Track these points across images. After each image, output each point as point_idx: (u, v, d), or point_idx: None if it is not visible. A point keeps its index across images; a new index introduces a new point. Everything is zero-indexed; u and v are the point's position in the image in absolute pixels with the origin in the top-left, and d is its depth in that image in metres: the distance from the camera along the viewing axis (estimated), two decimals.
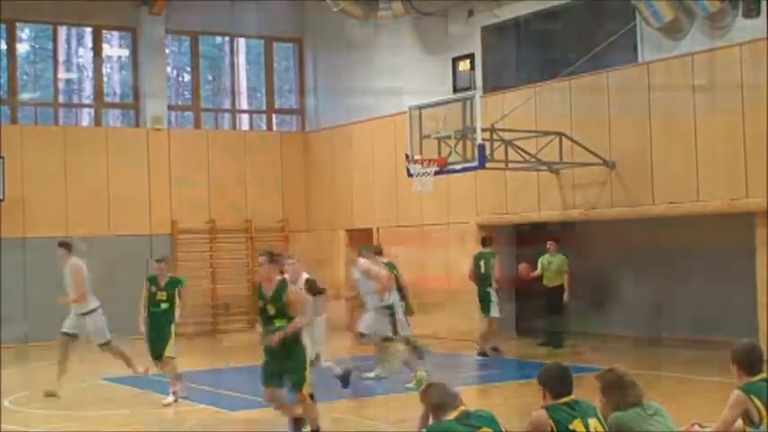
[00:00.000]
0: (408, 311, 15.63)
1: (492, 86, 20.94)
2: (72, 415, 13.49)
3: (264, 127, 27.29)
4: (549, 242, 19.63)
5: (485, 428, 5.78)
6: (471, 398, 5.99)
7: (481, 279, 18.32)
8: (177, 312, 14.05)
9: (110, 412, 13.78)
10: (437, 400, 5.87)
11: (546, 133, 18.52)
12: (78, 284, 15.03)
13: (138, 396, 14.93)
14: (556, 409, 5.98)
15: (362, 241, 24.42)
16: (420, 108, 17.82)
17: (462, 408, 5.81)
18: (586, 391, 6.42)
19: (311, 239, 26.16)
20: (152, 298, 14.06)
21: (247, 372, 16.89)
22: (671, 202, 17.41)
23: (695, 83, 17.13)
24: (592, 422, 5.98)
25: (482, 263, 18.33)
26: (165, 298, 13.98)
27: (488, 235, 19.26)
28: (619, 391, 6.14)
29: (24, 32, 25.30)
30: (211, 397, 14.57)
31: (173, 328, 14.04)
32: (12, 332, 22.39)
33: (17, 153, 23.17)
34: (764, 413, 6.16)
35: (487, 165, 17.22)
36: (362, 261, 15.12)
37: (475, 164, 16.85)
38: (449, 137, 17.11)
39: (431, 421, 5.88)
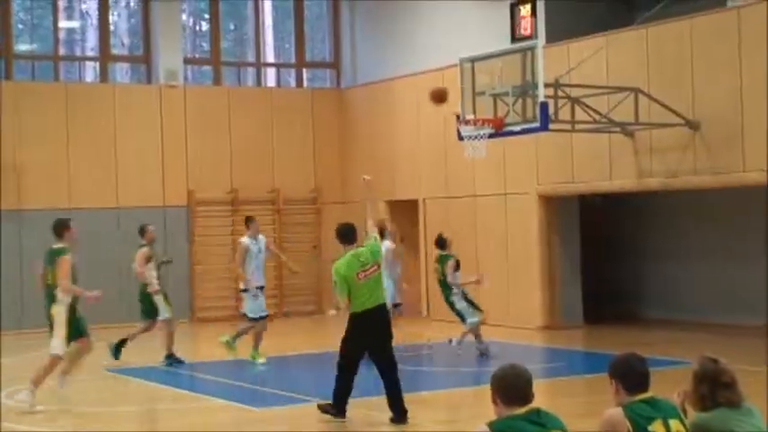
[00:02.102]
0: None
1: (556, 35, 20.66)
2: (72, 411, 13.32)
3: (293, 83, 27.18)
4: None
5: None
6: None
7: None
8: None
9: (114, 408, 13.61)
10: (510, 388, 5.56)
11: (619, 89, 18.28)
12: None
13: (149, 390, 15.05)
14: (632, 407, 5.77)
15: (406, 214, 24.38)
16: (473, 60, 17.53)
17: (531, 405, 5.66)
18: (662, 389, 6.22)
19: (346, 212, 26.04)
20: None
21: (276, 363, 16.96)
22: (765, 170, 17.03)
23: None
24: (673, 424, 5.74)
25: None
26: None
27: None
28: (709, 387, 6.07)
29: None
30: (232, 391, 14.62)
31: None
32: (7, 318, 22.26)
33: (12, 113, 22.61)
34: None
35: (551, 126, 16.93)
36: None
37: (536, 125, 16.60)
38: (506, 94, 16.89)
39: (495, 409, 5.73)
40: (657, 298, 22.26)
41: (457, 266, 17.39)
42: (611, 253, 22.84)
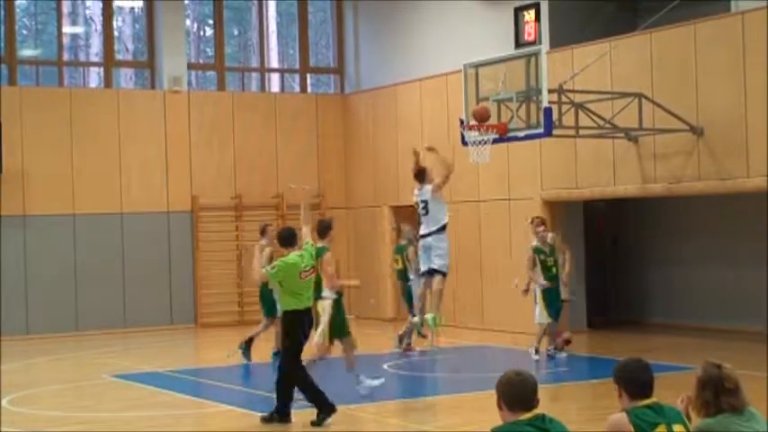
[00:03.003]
0: None
1: (560, 41, 20.68)
2: (74, 416, 13.41)
3: (298, 89, 27.17)
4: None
5: None
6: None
7: None
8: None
9: (117, 414, 13.61)
10: (513, 394, 5.64)
11: (623, 95, 18.25)
12: None
13: (152, 396, 15.11)
14: (637, 413, 5.82)
15: (410, 219, 24.39)
16: (477, 66, 17.44)
17: (536, 410, 5.74)
18: (666, 394, 6.23)
19: (350, 217, 26.16)
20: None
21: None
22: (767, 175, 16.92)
23: None
24: (677, 429, 5.81)
25: None
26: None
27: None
28: (713, 392, 6.12)
29: None
30: (237, 396, 14.66)
31: None
32: (13, 324, 22.30)
33: (16, 118, 22.69)
34: None
35: (555, 131, 16.94)
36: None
37: (540, 130, 16.56)
38: (510, 99, 16.87)
39: (500, 414, 5.81)
40: (661, 303, 22.26)
41: (535, 261, 17.37)
42: (615, 258, 22.84)
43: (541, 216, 18.41)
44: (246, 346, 17.51)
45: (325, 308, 13.47)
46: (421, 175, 16.65)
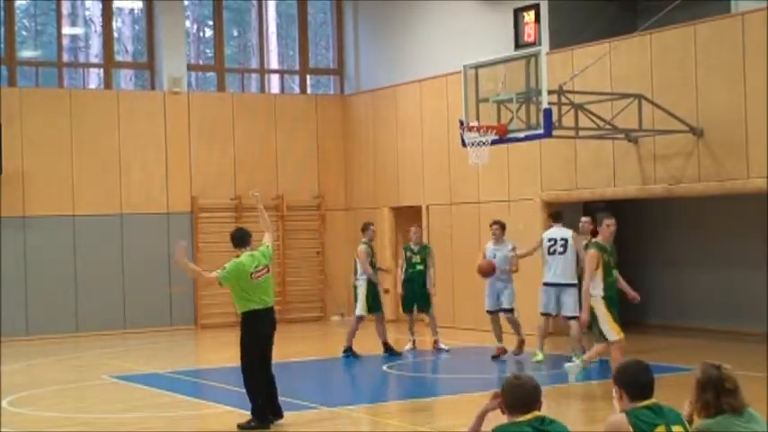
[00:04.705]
0: None
1: (560, 42, 20.73)
2: (75, 417, 13.45)
3: (297, 90, 27.16)
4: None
5: None
6: None
7: None
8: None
9: (117, 415, 13.63)
10: (512, 397, 5.74)
11: (623, 96, 18.30)
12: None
13: (152, 397, 15.16)
14: (636, 413, 5.85)
15: (410, 220, 24.41)
16: (476, 67, 17.48)
17: (537, 412, 5.81)
18: (664, 396, 6.27)
19: (350, 218, 26.15)
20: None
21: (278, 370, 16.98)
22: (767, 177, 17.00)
23: None
24: (676, 429, 5.90)
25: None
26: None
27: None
28: (713, 394, 6.13)
29: None
30: (237, 398, 14.67)
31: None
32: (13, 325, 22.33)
33: (16, 119, 22.68)
34: None
35: (555, 132, 16.96)
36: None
37: (540, 131, 16.61)
38: (510, 100, 16.93)
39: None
40: (660, 304, 22.26)
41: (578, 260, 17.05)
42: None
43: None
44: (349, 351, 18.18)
45: (597, 306, 13.41)
46: (559, 216, 17.07)
